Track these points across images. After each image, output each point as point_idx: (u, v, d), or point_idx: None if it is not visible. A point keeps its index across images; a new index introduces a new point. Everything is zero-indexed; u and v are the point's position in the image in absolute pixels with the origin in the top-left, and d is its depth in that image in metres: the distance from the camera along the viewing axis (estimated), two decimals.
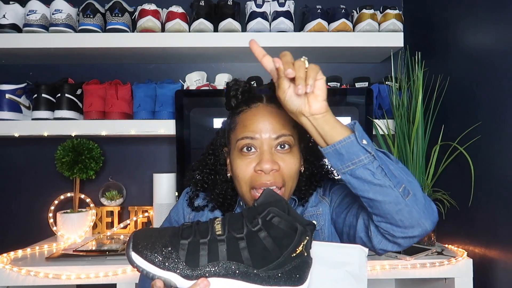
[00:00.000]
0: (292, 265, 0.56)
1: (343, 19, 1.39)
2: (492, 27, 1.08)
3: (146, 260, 0.54)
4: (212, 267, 0.54)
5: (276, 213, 0.56)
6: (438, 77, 1.30)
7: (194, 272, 0.54)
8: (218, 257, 0.55)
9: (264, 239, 0.55)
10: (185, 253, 0.55)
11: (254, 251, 0.55)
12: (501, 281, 1.05)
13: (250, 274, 0.55)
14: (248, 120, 0.77)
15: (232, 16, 1.39)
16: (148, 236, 0.56)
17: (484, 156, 1.10)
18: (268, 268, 0.55)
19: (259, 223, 0.56)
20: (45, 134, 1.39)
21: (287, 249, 0.55)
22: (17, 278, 1.13)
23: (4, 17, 1.36)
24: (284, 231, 0.56)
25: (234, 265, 0.55)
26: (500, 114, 1.04)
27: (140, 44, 1.40)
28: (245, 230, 0.56)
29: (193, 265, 0.54)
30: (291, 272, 0.56)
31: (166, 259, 0.54)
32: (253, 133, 0.75)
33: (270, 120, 0.76)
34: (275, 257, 0.55)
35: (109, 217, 1.58)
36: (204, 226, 0.58)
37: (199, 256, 0.55)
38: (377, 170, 0.61)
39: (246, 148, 0.75)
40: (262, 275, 0.55)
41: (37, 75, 1.58)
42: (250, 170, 0.75)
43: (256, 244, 0.55)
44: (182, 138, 1.36)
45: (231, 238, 0.56)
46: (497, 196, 1.05)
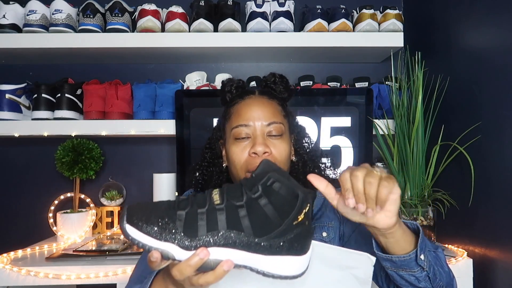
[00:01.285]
0: (294, 234, 0.54)
1: (343, 19, 1.39)
2: (492, 27, 1.08)
3: (142, 232, 0.51)
4: (211, 236, 0.52)
5: (276, 178, 0.53)
6: (438, 77, 1.30)
7: (193, 242, 0.52)
8: (218, 226, 0.52)
9: (264, 206, 0.53)
10: (182, 223, 0.52)
11: (254, 219, 0.53)
12: (501, 281, 1.05)
13: (251, 244, 0.53)
14: (242, 110, 0.83)
15: (232, 16, 1.39)
16: (143, 208, 0.54)
17: (484, 156, 1.10)
18: (269, 236, 0.53)
19: (259, 190, 0.53)
20: (45, 134, 1.39)
21: (289, 216, 0.53)
22: (17, 278, 1.13)
23: (4, 17, 1.36)
24: (285, 198, 0.53)
25: (234, 234, 0.52)
26: (500, 114, 1.04)
27: (140, 44, 1.40)
28: (244, 197, 0.53)
29: (192, 235, 0.52)
30: (293, 241, 0.54)
31: (163, 230, 0.51)
32: (247, 121, 0.81)
33: (262, 109, 0.83)
34: (276, 225, 0.53)
35: (109, 217, 1.58)
36: (201, 197, 0.55)
37: (197, 226, 0.52)
38: (423, 278, 0.65)
39: (241, 135, 0.81)
40: (263, 244, 0.53)
41: (37, 75, 1.58)
42: (245, 154, 0.81)
43: (256, 211, 0.53)
44: (182, 138, 1.36)
45: (231, 207, 0.53)
46: (497, 196, 1.05)
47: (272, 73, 0.89)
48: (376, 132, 1.37)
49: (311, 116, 1.38)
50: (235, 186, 0.56)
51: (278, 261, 0.53)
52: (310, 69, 1.60)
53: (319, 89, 1.42)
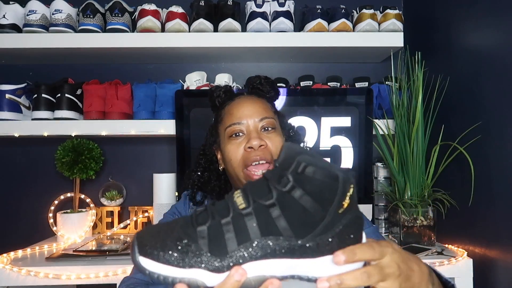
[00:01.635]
0: (343, 224, 0.44)
1: (343, 19, 1.39)
2: (492, 27, 1.08)
3: (160, 262, 0.42)
4: (244, 250, 0.43)
5: (308, 161, 0.43)
6: (438, 77, 1.30)
7: (224, 262, 0.43)
8: (250, 236, 0.43)
9: (300, 199, 0.43)
10: (206, 241, 0.43)
11: (291, 217, 0.43)
12: (501, 281, 1.05)
13: (294, 248, 0.43)
14: (233, 109, 0.85)
15: (232, 16, 1.39)
16: (155, 233, 0.44)
17: (484, 156, 1.10)
18: (314, 234, 0.43)
19: (290, 180, 0.43)
20: (45, 134, 1.39)
21: (332, 204, 0.43)
22: (17, 278, 1.13)
23: (4, 17, 1.36)
24: (322, 183, 0.43)
25: (271, 241, 0.43)
26: (500, 114, 1.04)
27: (140, 44, 1.40)
28: (274, 193, 0.44)
29: (221, 254, 0.43)
30: (343, 234, 0.44)
31: (184, 255, 0.42)
32: (239, 119, 0.83)
33: (253, 106, 0.84)
34: (319, 219, 0.43)
35: (109, 217, 1.58)
36: (221, 205, 0.46)
37: (225, 240, 0.43)
38: None
39: (235, 134, 0.83)
40: (309, 245, 0.43)
41: (37, 75, 1.58)
42: (240, 150, 0.81)
43: (292, 207, 0.43)
44: (182, 138, 1.36)
45: (260, 208, 0.44)
46: (497, 196, 1.05)
47: (257, 75, 0.92)
48: (376, 132, 1.37)
49: (311, 116, 1.38)
50: (259, 182, 0.46)
51: (331, 260, 0.44)
52: (310, 69, 1.60)
53: (319, 89, 1.42)
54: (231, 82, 1.51)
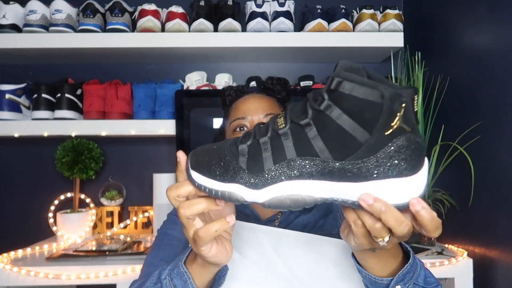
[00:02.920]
0: (391, 149, 0.39)
1: (343, 19, 1.39)
2: (492, 27, 1.08)
3: (206, 176, 0.46)
4: (280, 169, 0.43)
5: (344, 76, 0.39)
6: (438, 77, 1.30)
7: (261, 179, 0.43)
8: (286, 155, 0.42)
9: (338, 118, 0.40)
10: (245, 159, 0.45)
11: (329, 137, 0.41)
12: (501, 281, 1.05)
13: (333, 170, 0.41)
14: (240, 104, 0.85)
15: (232, 16, 1.39)
16: (206, 150, 0.48)
17: (484, 156, 1.10)
18: (355, 157, 0.40)
19: (325, 98, 0.40)
20: (45, 134, 1.39)
21: (375, 125, 0.39)
22: (17, 278, 1.13)
23: (4, 17, 1.36)
24: (362, 101, 0.39)
25: (308, 162, 0.42)
26: (500, 114, 1.04)
27: (140, 44, 1.40)
28: (310, 113, 0.41)
29: (258, 171, 0.44)
30: (391, 159, 0.39)
31: (225, 170, 0.45)
32: (244, 114, 0.82)
33: (259, 102, 0.84)
34: (361, 141, 0.39)
35: (109, 217, 1.58)
36: (265, 125, 0.46)
37: (262, 159, 0.44)
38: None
39: (239, 128, 0.82)
40: (350, 168, 0.40)
41: (37, 75, 1.58)
42: None
43: (328, 127, 0.40)
44: (182, 138, 1.36)
45: (296, 128, 0.42)
46: (497, 196, 1.05)
47: (270, 77, 0.91)
48: None
49: None
50: (301, 103, 0.44)
51: (376, 187, 0.41)
52: (310, 69, 1.60)
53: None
54: (231, 82, 1.51)
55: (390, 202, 0.41)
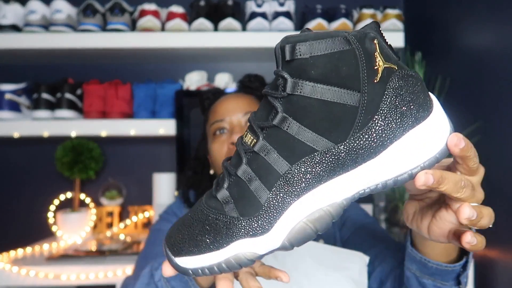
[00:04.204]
0: (391, 96, 0.32)
1: (343, 19, 1.39)
2: (492, 27, 1.08)
3: (196, 254, 0.35)
4: (280, 191, 0.33)
5: (296, 40, 0.31)
6: (438, 77, 1.30)
7: (263, 217, 0.33)
8: (277, 171, 0.33)
9: (313, 93, 0.31)
10: (232, 204, 0.35)
11: (314, 121, 0.32)
12: (501, 281, 1.05)
13: (341, 157, 0.32)
14: (217, 107, 0.83)
15: (232, 16, 1.39)
16: (180, 226, 0.38)
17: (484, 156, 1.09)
18: (357, 127, 0.32)
19: (285, 77, 0.31)
20: (45, 134, 1.39)
21: (358, 76, 0.31)
22: (17, 278, 1.13)
23: (4, 17, 1.36)
24: (329, 56, 0.30)
25: (307, 164, 0.32)
26: (500, 114, 1.04)
27: (140, 44, 1.40)
28: (277, 105, 0.33)
29: (255, 209, 0.34)
30: (397, 108, 0.32)
31: (216, 233, 0.34)
32: (222, 116, 0.80)
33: (237, 102, 0.81)
34: (352, 105, 0.31)
35: (109, 217, 1.58)
36: (235, 155, 0.36)
37: (252, 193, 0.34)
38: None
39: (219, 131, 0.80)
40: (357, 143, 0.32)
41: (37, 75, 1.58)
42: (224, 147, 0.78)
43: (308, 111, 0.32)
44: (182, 138, 1.36)
45: (272, 133, 0.33)
46: (497, 196, 1.05)
47: (247, 74, 0.89)
48: None
49: None
50: (260, 106, 0.36)
51: (402, 148, 0.33)
52: None
53: None
54: (231, 82, 1.51)
55: (428, 155, 0.33)
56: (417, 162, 0.34)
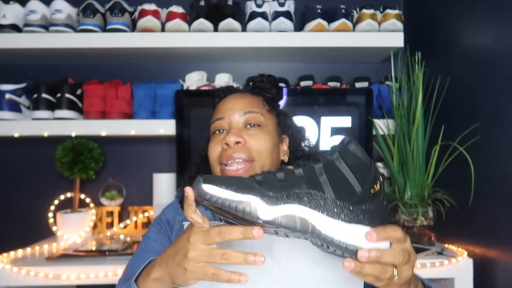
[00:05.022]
0: (374, 205, 0.53)
1: (343, 19, 1.39)
2: (492, 27, 1.08)
3: (220, 187, 0.49)
4: (295, 191, 0.51)
5: (352, 140, 0.54)
6: (438, 77, 1.30)
7: (277, 195, 0.50)
8: (299, 186, 0.51)
9: (343, 169, 0.53)
10: (262, 186, 0.51)
11: (333, 180, 0.52)
12: (501, 281, 1.05)
13: (331, 207, 0.51)
14: (220, 105, 0.82)
15: (232, 16, 1.39)
16: (219, 177, 0.53)
17: (484, 156, 1.10)
18: (350, 201, 0.51)
19: (335, 151, 0.54)
20: (45, 134, 1.39)
21: (367, 181, 0.53)
22: (17, 278, 1.13)
23: (4, 17, 1.36)
24: (361, 161, 0.53)
25: (314, 193, 0.51)
26: (500, 114, 1.04)
27: (140, 44, 1.40)
28: (322, 160, 0.54)
29: (274, 190, 0.51)
30: (373, 213, 0.53)
31: (242, 185, 0.49)
32: (222, 114, 0.79)
33: (239, 101, 0.80)
34: (355, 189, 0.52)
35: (109, 217, 1.58)
36: (274, 171, 0.55)
37: (278, 185, 0.51)
38: None
39: (218, 130, 0.79)
40: (344, 209, 0.51)
41: (37, 75, 1.58)
42: (218, 147, 0.77)
43: (334, 173, 0.52)
44: (182, 138, 1.36)
45: (309, 168, 0.53)
46: (497, 196, 1.05)
47: (260, 74, 0.87)
48: (376, 132, 1.37)
49: (311, 116, 1.38)
50: (311, 161, 0.56)
51: (357, 231, 0.51)
52: (310, 69, 1.60)
53: (319, 89, 1.42)
54: (231, 82, 1.51)
55: (361, 245, 0.51)
56: (352, 242, 0.51)
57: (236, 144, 0.74)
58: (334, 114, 1.38)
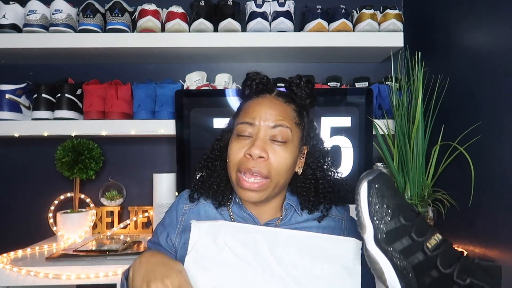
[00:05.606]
0: None
1: (343, 19, 1.39)
2: (492, 27, 1.08)
3: (379, 194, 0.56)
4: (398, 255, 0.54)
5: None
6: (438, 77, 1.30)
7: (383, 245, 0.55)
8: (409, 256, 0.54)
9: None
10: (392, 225, 0.55)
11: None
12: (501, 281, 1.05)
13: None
14: (251, 107, 0.80)
15: (232, 16, 1.39)
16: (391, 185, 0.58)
17: (484, 156, 1.10)
18: None
19: (466, 280, 0.53)
20: (45, 134, 1.39)
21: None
22: (17, 278, 1.13)
23: (4, 17, 1.36)
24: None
25: (410, 277, 0.53)
26: (500, 114, 1.04)
27: (140, 44, 1.40)
28: (448, 270, 0.53)
29: (388, 240, 0.54)
30: None
31: (397, 209, 0.55)
32: (253, 119, 0.78)
33: (272, 110, 0.78)
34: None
35: (109, 217, 1.58)
36: (425, 225, 0.57)
37: (399, 239, 0.54)
38: None
39: (244, 133, 0.78)
40: None
41: (37, 75, 1.58)
42: (241, 153, 0.77)
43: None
44: (182, 138, 1.36)
45: (431, 262, 0.54)
46: (497, 196, 1.05)
47: (299, 75, 0.84)
48: (376, 132, 1.37)
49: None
50: (455, 253, 0.57)
51: None
52: (310, 69, 1.60)
53: (319, 89, 1.42)
54: (231, 82, 1.51)
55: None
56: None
57: (258, 158, 0.75)
58: (334, 114, 1.38)
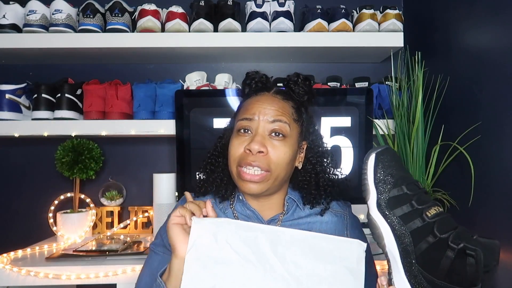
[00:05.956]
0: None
1: (343, 19, 1.39)
2: (492, 27, 1.08)
3: (383, 165, 0.63)
4: (397, 220, 0.58)
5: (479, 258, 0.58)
6: (438, 77, 1.30)
7: (384, 210, 0.59)
8: (408, 222, 0.58)
9: (446, 258, 0.57)
10: (395, 193, 0.60)
11: (429, 257, 0.56)
12: (501, 281, 1.05)
13: (413, 268, 0.56)
14: (250, 104, 0.82)
15: (232, 16, 1.39)
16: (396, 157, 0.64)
17: (484, 156, 1.10)
18: (433, 279, 0.56)
19: (460, 245, 0.59)
20: (45, 134, 1.39)
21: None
22: (17, 278, 1.13)
23: (4, 17, 1.36)
24: (467, 276, 0.56)
25: (407, 241, 0.57)
26: (500, 114, 1.04)
27: (140, 44, 1.40)
28: (444, 235, 0.58)
29: (389, 206, 0.59)
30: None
31: (400, 180, 0.60)
32: (252, 115, 0.79)
33: (270, 106, 0.80)
34: (440, 277, 0.56)
35: (109, 217, 1.58)
36: (428, 198, 0.62)
37: (400, 206, 0.59)
38: None
39: (244, 129, 0.80)
40: (417, 274, 0.57)
41: (37, 75, 1.58)
42: (241, 149, 0.79)
43: (438, 254, 0.56)
44: (182, 138, 1.36)
45: (428, 228, 0.57)
46: (497, 196, 1.05)
47: (297, 73, 0.86)
48: (376, 132, 1.37)
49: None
50: (451, 222, 0.63)
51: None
52: (310, 69, 1.60)
53: (319, 89, 1.42)
54: (231, 82, 1.51)
55: None
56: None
57: (258, 153, 0.77)
58: (334, 114, 1.38)
